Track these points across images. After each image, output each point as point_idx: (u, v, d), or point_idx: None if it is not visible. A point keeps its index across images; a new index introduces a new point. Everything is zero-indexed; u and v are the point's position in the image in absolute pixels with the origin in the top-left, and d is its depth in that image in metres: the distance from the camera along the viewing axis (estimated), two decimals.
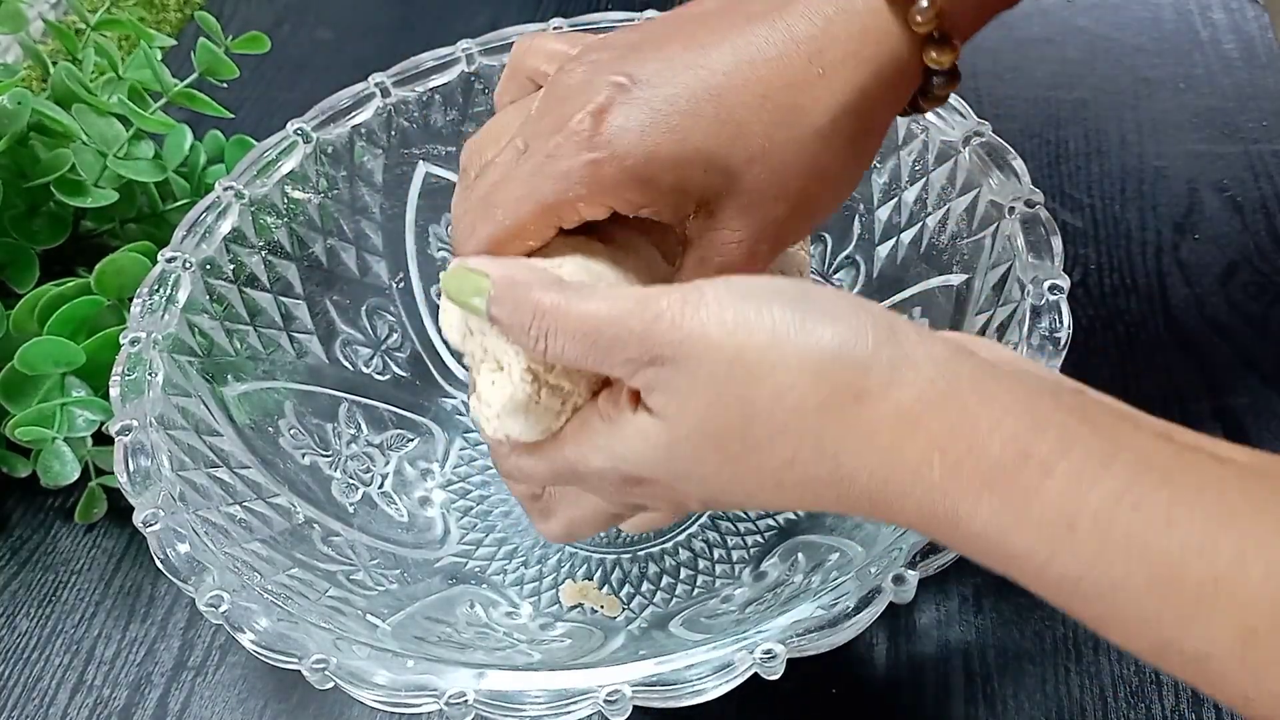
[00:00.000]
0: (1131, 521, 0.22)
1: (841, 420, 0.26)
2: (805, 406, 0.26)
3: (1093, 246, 0.57)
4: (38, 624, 0.48)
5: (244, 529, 0.38)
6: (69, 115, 0.52)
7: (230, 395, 0.44)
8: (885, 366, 0.25)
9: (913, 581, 0.31)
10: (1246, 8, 0.71)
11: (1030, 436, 0.24)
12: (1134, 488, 0.22)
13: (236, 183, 0.46)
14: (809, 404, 0.26)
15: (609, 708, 0.30)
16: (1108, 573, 0.22)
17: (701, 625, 0.40)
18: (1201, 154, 0.62)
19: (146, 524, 0.36)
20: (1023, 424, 0.24)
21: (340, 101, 0.49)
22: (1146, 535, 0.22)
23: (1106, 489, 0.23)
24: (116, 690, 0.45)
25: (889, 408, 0.25)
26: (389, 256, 0.51)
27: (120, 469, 0.37)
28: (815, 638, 0.30)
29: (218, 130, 0.60)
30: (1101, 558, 0.22)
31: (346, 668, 0.32)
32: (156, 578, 0.49)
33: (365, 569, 0.42)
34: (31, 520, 0.52)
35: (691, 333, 0.26)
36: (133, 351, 0.41)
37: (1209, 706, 0.40)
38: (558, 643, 0.42)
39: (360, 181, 0.50)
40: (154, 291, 0.43)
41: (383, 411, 0.50)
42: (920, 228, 0.45)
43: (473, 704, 0.30)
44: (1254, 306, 0.54)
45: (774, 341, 0.26)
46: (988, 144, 0.43)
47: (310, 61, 0.78)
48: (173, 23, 0.82)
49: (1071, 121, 0.65)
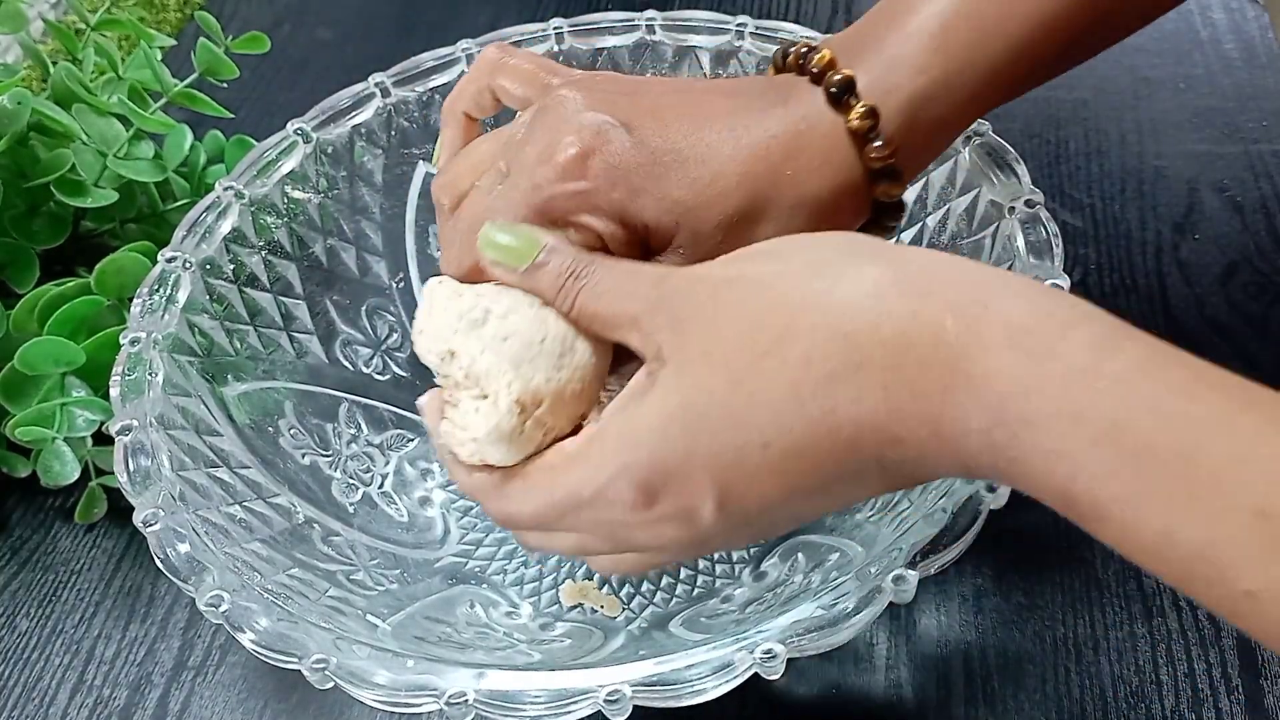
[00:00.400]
0: (1153, 389, 0.22)
1: (852, 302, 0.26)
2: (810, 296, 0.26)
3: (1093, 246, 0.57)
4: (38, 624, 0.48)
5: (244, 529, 0.39)
6: (69, 115, 0.52)
7: (230, 395, 0.44)
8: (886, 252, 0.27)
9: (913, 581, 0.31)
10: (1246, 8, 0.71)
11: (1048, 302, 0.24)
12: (1155, 358, 0.22)
13: (236, 183, 0.46)
14: (814, 292, 0.26)
15: (609, 708, 0.30)
16: (1126, 439, 0.22)
17: (701, 625, 0.40)
18: (1201, 154, 0.62)
19: (146, 524, 0.36)
20: (1037, 291, 0.24)
21: (340, 101, 0.49)
22: (1167, 404, 0.22)
23: (1129, 356, 0.23)
24: (116, 690, 0.45)
25: (894, 276, 0.25)
26: (389, 256, 0.51)
27: (120, 469, 0.37)
28: (815, 638, 0.30)
29: (218, 130, 0.60)
30: (1120, 424, 0.22)
31: (346, 668, 0.32)
32: (156, 578, 0.49)
33: (365, 569, 0.42)
34: (31, 520, 0.52)
35: (693, 272, 0.29)
36: (133, 351, 0.41)
37: (1209, 706, 0.40)
38: (558, 643, 0.42)
39: (360, 181, 0.50)
40: (154, 291, 0.43)
41: (383, 411, 0.50)
42: (920, 228, 0.45)
43: (473, 704, 0.30)
44: (1254, 306, 0.54)
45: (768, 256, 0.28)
46: (988, 144, 0.43)
47: (310, 61, 0.78)
48: (173, 23, 0.82)
49: (1071, 121, 0.65)
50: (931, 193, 0.45)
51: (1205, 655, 0.42)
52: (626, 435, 0.28)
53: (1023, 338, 0.24)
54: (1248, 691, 0.40)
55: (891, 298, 0.25)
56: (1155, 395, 0.22)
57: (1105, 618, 0.43)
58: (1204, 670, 0.41)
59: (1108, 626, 0.43)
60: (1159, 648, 0.42)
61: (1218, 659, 0.41)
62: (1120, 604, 0.43)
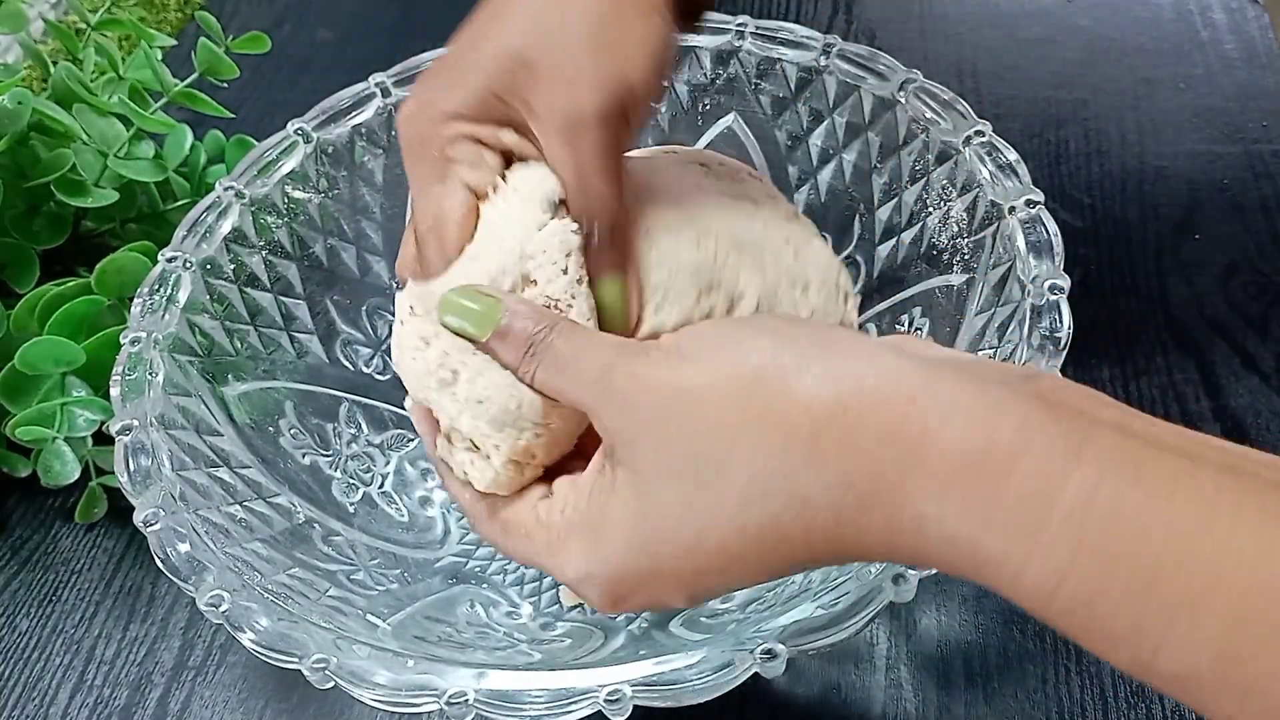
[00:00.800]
0: (1105, 527, 0.21)
1: (784, 431, 0.25)
2: (746, 420, 0.26)
3: (1093, 246, 0.57)
4: (38, 624, 0.48)
5: (244, 529, 0.39)
6: (69, 115, 0.52)
7: (230, 395, 0.44)
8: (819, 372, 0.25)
9: (913, 581, 0.31)
10: (1246, 8, 0.71)
11: (990, 423, 0.23)
12: (1103, 488, 0.21)
13: (237, 183, 0.46)
14: (749, 417, 0.26)
15: (609, 708, 0.30)
16: (1084, 583, 0.21)
17: (701, 625, 0.40)
18: (1201, 154, 0.62)
19: (147, 524, 0.36)
20: (978, 411, 0.23)
21: (341, 101, 0.49)
22: (1121, 542, 0.21)
23: (1076, 488, 0.21)
24: (117, 690, 0.45)
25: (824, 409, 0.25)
26: (389, 256, 0.51)
27: (120, 469, 0.37)
28: (815, 637, 0.30)
29: (218, 130, 0.60)
30: (1075, 566, 0.21)
31: (347, 667, 0.32)
32: (157, 577, 0.49)
33: (365, 569, 0.42)
34: (32, 520, 0.52)
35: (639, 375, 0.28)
36: (133, 351, 0.41)
37: None
38: (558, 643, 0.42)
39: (360, 181, 0.50)
40: (154, 291, 0.43)
41: (383, 411, 0.50)
42: (920, 228, 0.45)
43: (473, 704, 0.30)
44: (1254, 306, 0.54)
45: (710, 367, 0.27)
46: (988, 144, 0.42)
47: (310, 61, 0.78)
48: (173, 23, 0.82)
49: (1071, 121, 0.65)
50: (931, 193, 0.45)
51: None
52: (590, 546, 0.29)
53: (965, 475, 0.23)
54: None
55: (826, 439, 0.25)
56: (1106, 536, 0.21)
57: None
58: None
59: None
60: None
61: None
62: None
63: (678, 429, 0.27)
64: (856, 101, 0.47)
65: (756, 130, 0.51)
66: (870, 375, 0.25)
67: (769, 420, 0.25)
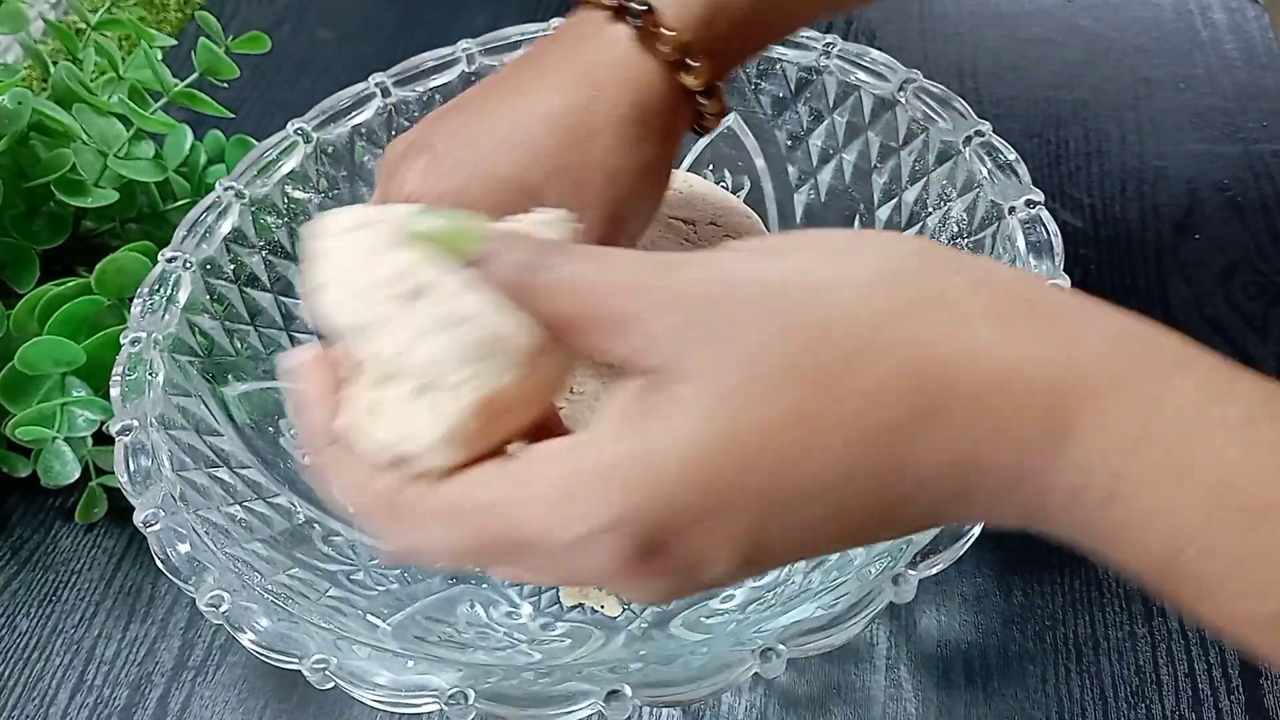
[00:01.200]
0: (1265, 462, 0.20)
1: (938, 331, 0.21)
2: (887, 315, 0.21)
3: (1093, 246, 0.57)
4: (38, 624, 0.48)
5: (244, 529, 0.38)
6: (69, 115, 0.52)
7: (230, 395, 0.44)
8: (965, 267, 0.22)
9: (913, 581, 0.31)
10: (1246, 8, 0.71)
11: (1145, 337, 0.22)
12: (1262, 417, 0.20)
13: (237, 182, 0.46)
14: (891, 311, 0.21)
15: (609, 708, 0.30)
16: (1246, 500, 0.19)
17: (701, 625, 0.40)
18: (1201, 154, 0.62)
19: (147, 524, 0.36)
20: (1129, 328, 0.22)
21: (340, 101, 0.49)
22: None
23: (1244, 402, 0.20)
24: (117, 690, 0.45)
25: (979, 305, 0.22)
26: None
27: (120, 469, 0.37)
28: (815, 638, 0.30)
29: (218, 130, 0.60)
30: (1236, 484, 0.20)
31: (347, 668, 0.32)
32: (157, 578, 0.49)
33: (365, 569, 0.42)
34: (32, 520, 0.52)
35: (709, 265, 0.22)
36: (133, 351, 0.41)
37: (1209, 707, 0.40)
38: (558, 642, 0.42)
39: (361, 181, 0.50)
40: (154, 291, 0.43)
41: None
42: (920, 228, 0.45)
43: (473, 704, 0.30)
44: (1254, 306, 0.54)
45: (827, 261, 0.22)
46: (988, 144, 0.42)
47: (310, 61, 0.78)
48: (173, 23, 0.82)
49: (1071, 121, 0.65)
50: (931, 193, 0.45)
51: (1205, 655, 0.42)
52: (631, 478, 0.21)
53: (1127, 384, 0.21)
54: (1248, 691, 0.40)
55: (983, 330, 0.21)
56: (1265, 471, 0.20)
57: (1105, 618, 0.43)
58: (1204, 670, 0.41)
59: (1108, 626, 0.43)
60: (1159, 648, 0.42)
61: (1218, 659, 0.41)
62: (1120, 604, 0.43)
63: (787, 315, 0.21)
64: (856, 101, 0.47)
65: (756, 130, 0.51)
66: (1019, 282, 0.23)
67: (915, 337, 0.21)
